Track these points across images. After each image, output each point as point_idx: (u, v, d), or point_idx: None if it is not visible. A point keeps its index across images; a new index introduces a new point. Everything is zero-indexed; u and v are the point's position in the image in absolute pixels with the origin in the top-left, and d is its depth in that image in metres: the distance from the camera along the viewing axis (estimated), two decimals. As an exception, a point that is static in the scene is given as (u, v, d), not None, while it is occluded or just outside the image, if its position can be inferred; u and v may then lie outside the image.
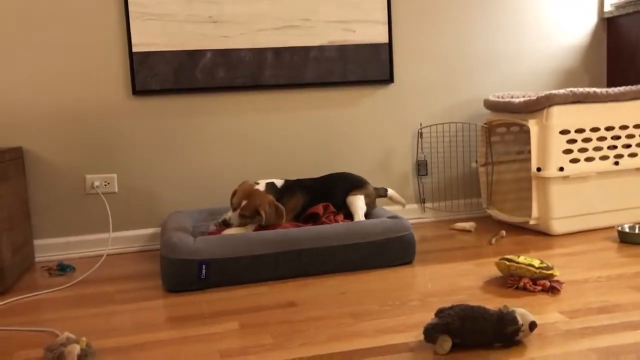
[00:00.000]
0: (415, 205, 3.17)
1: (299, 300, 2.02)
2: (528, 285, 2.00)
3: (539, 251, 2.49)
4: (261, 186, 2.50)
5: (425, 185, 3.19)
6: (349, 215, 2.58)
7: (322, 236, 2.30)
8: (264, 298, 2.07)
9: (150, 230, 2.88)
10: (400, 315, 1.83)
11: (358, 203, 2.58)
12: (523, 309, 1.59)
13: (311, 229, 2.35)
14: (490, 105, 2.98)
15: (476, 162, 3.09)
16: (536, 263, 2.02)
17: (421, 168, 3.15)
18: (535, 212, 2.73)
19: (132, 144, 2.84)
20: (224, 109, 2.92)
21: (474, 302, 1.71)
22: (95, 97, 2.78)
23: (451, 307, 1.60)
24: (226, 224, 2.43)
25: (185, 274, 2.17)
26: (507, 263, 2.06)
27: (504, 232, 2.76)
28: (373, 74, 3.03)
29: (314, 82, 2.97)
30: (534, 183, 2.73)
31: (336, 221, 2.50)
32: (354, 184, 2.67)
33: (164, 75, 2.80)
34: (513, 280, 2.04)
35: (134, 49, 2.75)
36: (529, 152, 3.11)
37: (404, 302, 1.96)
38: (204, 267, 2.18)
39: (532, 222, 2.75)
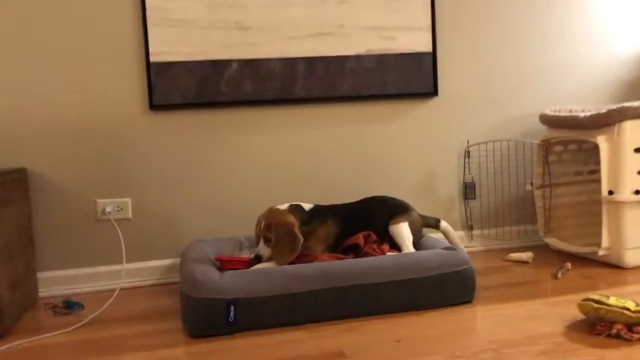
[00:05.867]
0: (461, 232, 2.86)
1: (347, 349, 1.71)
2: (623, 332, 1.68)
3: (610, 287, 2.18)
4: (283, 207, 2.24)
5: (473, 209, 2.89)
6: (395, 245, 2.28)
7: (367, 271, 2.00)
8: (305, 345, 1.77)
9: (168, 261, 2.61)
10: (475, 372, 1.51)
11: (403, 232, 2.28)
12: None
13: (354, 262, 2.04)
14: (548, 121, 2.68)
15: (531, 184, 2.79)
16: (631, 306, 1.71)
17: (468, 191, 2.85)
18: (605, 242, 2.42)
19: (149, 165, 2.57)
20: (251, 125, 2.65)
21: (560, 353, 1.39)
22: (107, 112, 2.52)
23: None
24: (258, 259, 2.14)
25: (210, 315, 1.87)
26: (596, 305, 1.74)
27: (569, 265, 2.44)
28: (415, 86, 2.74)
29: (350, 95, 2.69)
30: (604, 208, 2.42)
31: (381, 252, 2.20)
32: (395, 209, 2.37)
33: (185, 88, 2.53)
34: (604, 326, 1.72)
35: (152, 59, 2.49)
36: (589, 172, 2.83)
37: (474, 352, 1.64)
38: (232, 307, 1.87)
39: (601, 252, 2.43)
